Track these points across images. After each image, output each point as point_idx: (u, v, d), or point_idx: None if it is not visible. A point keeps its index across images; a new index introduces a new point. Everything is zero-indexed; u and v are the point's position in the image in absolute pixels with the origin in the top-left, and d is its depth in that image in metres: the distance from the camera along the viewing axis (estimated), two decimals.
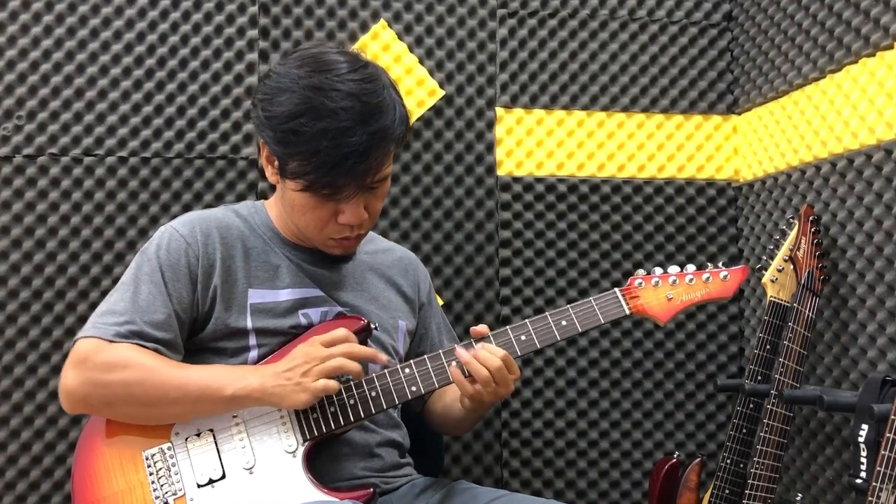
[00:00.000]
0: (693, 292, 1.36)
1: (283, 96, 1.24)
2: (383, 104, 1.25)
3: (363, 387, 1.29)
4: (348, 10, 2.02)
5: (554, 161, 2.10)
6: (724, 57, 2.19)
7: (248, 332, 1.32)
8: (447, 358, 1.30)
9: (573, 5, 2.13)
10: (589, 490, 2.05)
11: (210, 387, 1.23)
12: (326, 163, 1.22)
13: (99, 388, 1.23)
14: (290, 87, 1.24)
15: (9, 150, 1.86)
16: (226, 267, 1.34)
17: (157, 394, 1.22)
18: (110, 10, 1.92)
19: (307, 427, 1.27)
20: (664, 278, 1.36)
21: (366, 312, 1.41)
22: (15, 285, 1.84)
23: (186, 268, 1.32)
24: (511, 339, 1.32)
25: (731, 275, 1.36)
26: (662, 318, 1.35)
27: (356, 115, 1.22)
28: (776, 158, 2.00)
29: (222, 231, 1.36)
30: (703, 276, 1.36)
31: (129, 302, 1.28)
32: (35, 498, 1.82)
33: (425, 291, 1.59)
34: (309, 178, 1.24)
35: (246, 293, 1.34)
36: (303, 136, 1.22)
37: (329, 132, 1.21)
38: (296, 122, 1.22)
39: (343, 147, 1.21)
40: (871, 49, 1.67)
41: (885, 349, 1.60)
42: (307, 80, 1.23)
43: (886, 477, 1.25)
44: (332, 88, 1.22)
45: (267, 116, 1.26)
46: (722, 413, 2.13)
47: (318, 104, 1.22)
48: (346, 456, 1.35)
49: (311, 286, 1.38)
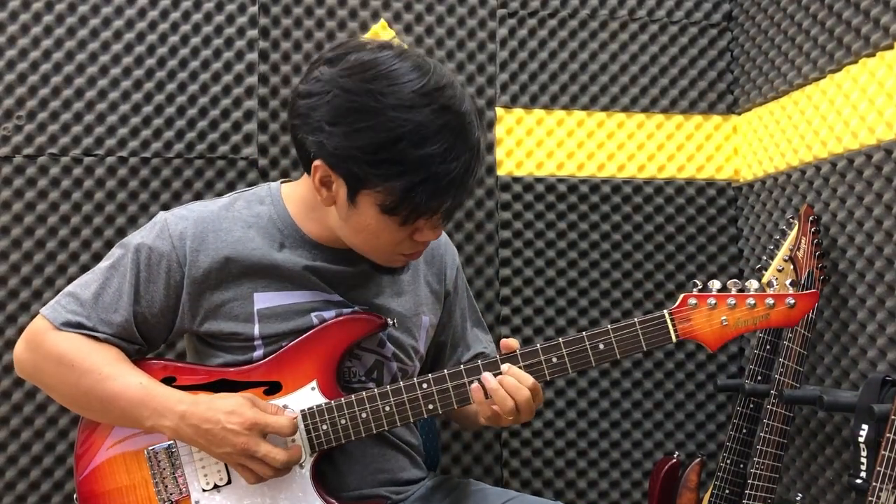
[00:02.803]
0: (751, 319, 1.18)
1: (367, 120, 1.13)
2: (470, 110, 1.17)
3: (377, 401, 1.23)
4: (348, 10, 2.02)
5: (554, 161, 2.10)
6: (724, 57, 2.19)
7: (254, 338, 1.27)
8: (469, 377, 1.21)
9: (573, 5, 2.13)
10: (589, 490, 2.05)
11: (130, 411, 1.20)
12: (430, 189, 1.14)
13: (38, 374, 1.26)
14: (373, 107, 1.13)
15: (9, 150, 1.86)
16: (223, 273, 1.27)
17: (83, 400, 1.22)
18: (110, 10, 1.92)
19: (316, 439, 1.23)
20: (721, 300, 1.18)
21: (386, 311, 1.35)
22: (15, 285, 1.84)
23: (166, 272, 1.26)
24: (542, 362, 1.21)
25: (799, 301, 1.17)
26: (713, 345, 1.19)
27: (454, 132, 1.14)
28: (776, 158, 2.00)
29: (221, 234, 1.28)
30: (766, 301, 1.17)
31: (93, 295, 1.25)
32: (35, 498, 1.82)
33: (451, 279, 1.50)
34: (410, 204, 1.15)
35: (251, 298, 1.27)
36: (405, 164, 1.13)
37: (436, 157, 1.12)
38: (394, 149, 1.12)
39: (450, 171, 1.14)
40: (871, 49, 1.67)
41: (885, 349, 1.60)
42: (393, 99, 1.12)
43: (886, 477, 1.25)
44: (425, 105, 1.13)
45: (348, 143, 1.14)
46: (722, 413, 2.13)
47: (416, 127, 1.12)
48: (356, 461, 1.31)
49: (325, 289, 1.31)
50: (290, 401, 1.25)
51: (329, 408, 1.24)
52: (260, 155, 1.96)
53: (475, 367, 1.22)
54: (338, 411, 1.23)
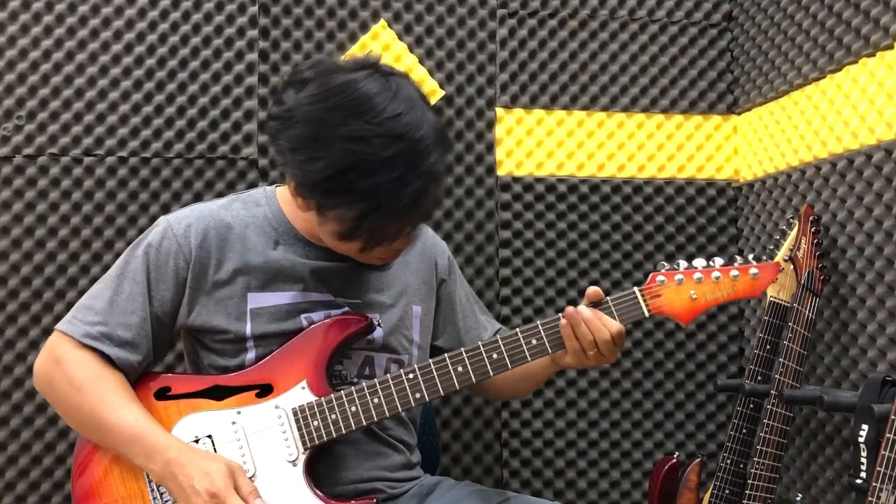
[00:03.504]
0: (719, 291, 1.24)
1: (321, 150, 1.16)
2: (426, 136, 1.18)
3: (364, 393, 1.26)
4: (348, 10, 2.02)
5: (554, 161, 2.10)
6: (724, 57, 2.19)
7: (246, 337, 1.31)
8: (452, 362, 1.26)
9: (573, 5, 2.13)
10: (589, 490, 2.05)
11: (126, 446, 1.22)
12: (383, 217, 1.18)
13: (51, 390, 1.29)
14: (328, 137, 1.16)
15: (9, 150, 1.86)
16: (222, 270, 1.31)
17: (91, 426, 1.25)
18: (110, 11, 1.92)
19: (307, 435, 1.26)
20: (688, 274, 1.25)
21: (377, 305, 1.38)
22: (15, 285, 1.84)
23: (174, 271, 1.30)
24: (521, 342, 1.26)
25: (762, 272, 1.25)
26: (684, 318, 1.25)
27: (406, 160, 1.16)
28: (776, 158, 2.00)
29: (221, 231, 1.32)
30: (730, 273, 1.25)
31: (107, 301, 1.29)
32: (35, 498, 1.82)
33: (444, 267, 1.52)
34: (362, 230, 1.19)
35: (245, 297, 1.31)
36: (354, 194, 1.16)
37: (382, 186, 1.15)
38: (343, 180, 1.15)
39: (401, 199, 1.16)
40: (871, 49, 1.67)
41: (885, 349, 1.60)
42: (345, 130, 1.15)
43: (886, 477, 1.25)
44: (376, 135, 1.15)
45: (305, 170, 1.19)
46: (722, 413, 2.13)
47: (365, 157, 1.14)
48: (351, 457, 1.33)
49: (317, 288, 1.34)
50: (281, 401, 1.27)
51: (318, 403, 1.27)
52: (260, 155, 1.96)
53: (459, 353, 1.26)
54: (327, 405, 1.26)
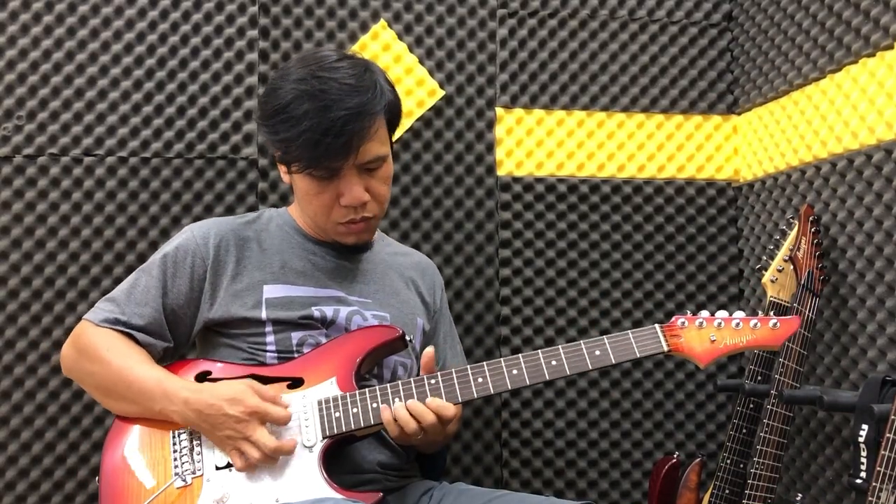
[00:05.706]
0: (739, 337, 1.27)
1: (276, 94, 1.34)
2: (364, 84, 1.33)
3: (387, 392, 1.30)
4: (348, 10, 2.02)
5: (554, 161, 2.10)
6: (724, 57, 2.19)
7: (263, 321, 1.39)
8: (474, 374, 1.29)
9: (573, 5, 2.13)
10: (589, 490, 2.05)
11: (145, 394, 1.30)
12: (309, 140, 1.29)
13: (77, 365, 1.39)
14: (281, 84, 1.34)
15: (9, 150, 1.86)
16: (240, 266, 1.42)
17: (111, 387, 1.34)
18: (110, 11, 1.92)
19: (328, 424, 1.29)
20: (709, 321, 1.29)
21: (386, 305, 1.47)
22: (15, 285, 1.84)
23: (191, 266, 1.40)
24: (541, 363, 1.29)
25: (782, 324, 1.27)
26: (703, 360, 1.27)
27: (336, 95, 1.30)
28: (776, 158, 2.00)
29: (238, 232, 1.45)
30: (750, 323, 1.28)
31: (125, 293, 1.41)
32: (35, 498, 1.82)
33: (439, 298, 1.63)
34: (298, 158, 1.33)
35: (261, 289, 1.40)
36: (290, 122, 1.31)
37: (310, 112, 1.30)
38: (285, 112, 1.31)
39: (322, 124, 1.29)
40: (871, 49, 1.67)
41: (885, 349, 1.60)
42: (297, 73, 1.34)
43: (886, 477, 1.25)
44: (315, 76, 1.32)
45: (263, 114, 1.36)
46: (722, 413, 2.13)
47: (303, 90, 1.31)
48: (356, 450, 1.37)
49: (327, 285, 1.44)
50: (309, 392, 1.33)
51: (343, 397, 1.31)
52: (260, 155, 1.96)
53: (481, 365, 1.30)
54: (350, 399, 1.30)
